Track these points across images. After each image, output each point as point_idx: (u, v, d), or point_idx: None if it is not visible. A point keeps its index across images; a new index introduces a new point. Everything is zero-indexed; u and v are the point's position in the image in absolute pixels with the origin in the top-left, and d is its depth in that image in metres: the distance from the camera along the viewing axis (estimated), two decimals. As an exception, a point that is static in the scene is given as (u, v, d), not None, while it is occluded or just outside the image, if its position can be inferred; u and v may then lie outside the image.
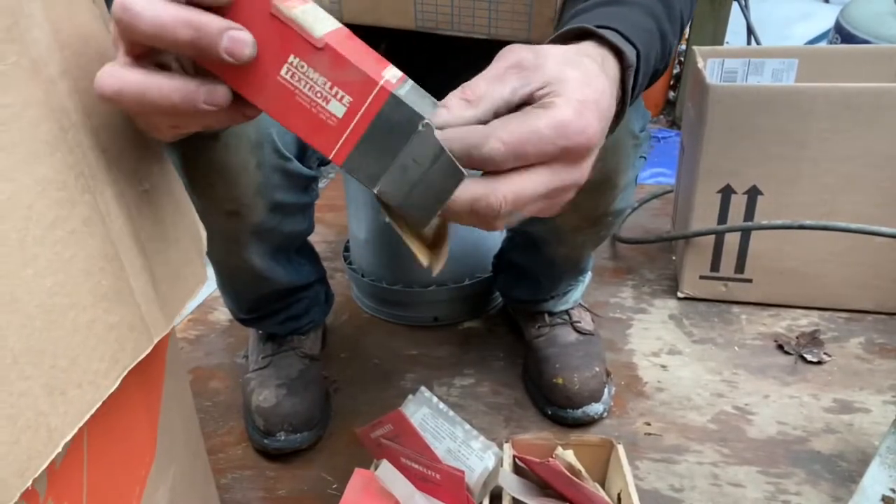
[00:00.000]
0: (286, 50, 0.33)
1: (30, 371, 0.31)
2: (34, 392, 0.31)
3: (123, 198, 0.38)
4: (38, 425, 0.31)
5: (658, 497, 0.77)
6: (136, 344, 0.39)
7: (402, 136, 0.34)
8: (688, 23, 0.53)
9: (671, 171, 1.56)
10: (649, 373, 0.96)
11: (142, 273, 0.39)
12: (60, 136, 0.33)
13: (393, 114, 0.34)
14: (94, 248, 0.35)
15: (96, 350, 0.35)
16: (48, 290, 0.32)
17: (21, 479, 0.30)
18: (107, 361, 0.36)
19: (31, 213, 0.31)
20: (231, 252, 0.74)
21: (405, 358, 1.01)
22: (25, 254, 0.31)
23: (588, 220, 0.75)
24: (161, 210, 0.42)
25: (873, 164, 0.94)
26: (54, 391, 0.32)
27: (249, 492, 0.80)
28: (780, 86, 1.01)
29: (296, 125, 0.34)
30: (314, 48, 0.33)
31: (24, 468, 0.30)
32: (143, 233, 0.40)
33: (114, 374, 0.37)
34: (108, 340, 0.36)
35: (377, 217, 1.00)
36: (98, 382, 0.35)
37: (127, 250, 0.38)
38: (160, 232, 0.42)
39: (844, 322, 1.03)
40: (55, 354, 0.33)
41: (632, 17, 0.44)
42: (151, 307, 0.40)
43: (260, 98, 0.34)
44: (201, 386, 0.97)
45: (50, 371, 0.32)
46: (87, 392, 0.35)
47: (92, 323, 0.35)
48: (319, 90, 0.33)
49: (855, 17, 1.62)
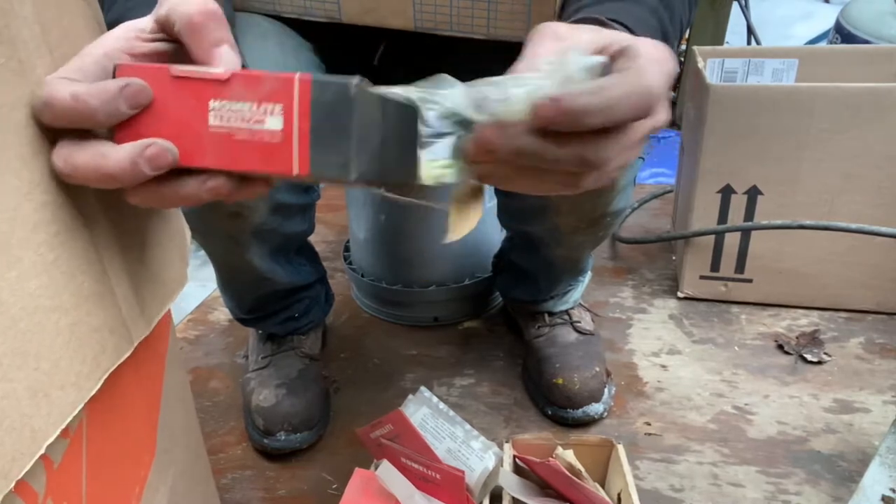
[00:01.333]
0: (203, 99, 0.33)
1: (13, 373, 0.31)
2: (18, 394, 0.31)
3: (106, 201, 0.38)
4: (22, 427, 0.31)
5: (658, 497, 0.77)
6: (117, 346, 0.39)
7: (343, 110, 0.32)
8: (686, 29, 0.53)
9: (671, 171, 1.56)
10: (649, 373, 0.96)
11: (123, 276, 0.40)
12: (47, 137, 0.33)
13: (324, 95, 0.33)
14: (77, 251, 0.35)
15: (79, 352, 0.35)
16: (32, 293, 0.32)
17: (5, 481, 0.30)
18: (89, 364, 0.36)
19: (16, 214, 0.31)
20: (232, 252, 0.74)
21: (405, 358, 1.01)
22: (10, 256, 0.31)
23: (586, 220, 0.75)
24: (143, 213, 0.42)
25: (873, 164, 0.94)
26: (38, 393, 0.32)
27: (249, 492, 0.80)
28: (780, 86, 1.01)
29: (249, 162, 0.33)
30: (223, 82, 0.33)
31: (9, 469, 0.30)
32: (125, 236, 0.40)
33: (96, 376, 0.37)
34: (90, 343, 0.36)
35: (377, 217, 1.00)
36: (80, 384, 0.35)
37: (109, 253, 0.38)
38: (142, 235, 0.42)
39: (844, 322, 1.03)
40: (39, 357, 0.33)
41: (636, 12, 0.44)
42: (132, 310, 0.40)
43: (206, 158, 0.33)
44: (201, 386, 0.97)
45: (34, 373, 0.32)
46: (70, 394, 0.35)
47: (75, 325, 0.35)
48: (250, 115, 0.33)
49: (855, 17, 1.62)
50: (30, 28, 0.32)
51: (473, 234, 1.08)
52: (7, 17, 0.31)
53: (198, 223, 0.68)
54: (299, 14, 0.65)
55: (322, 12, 0.64)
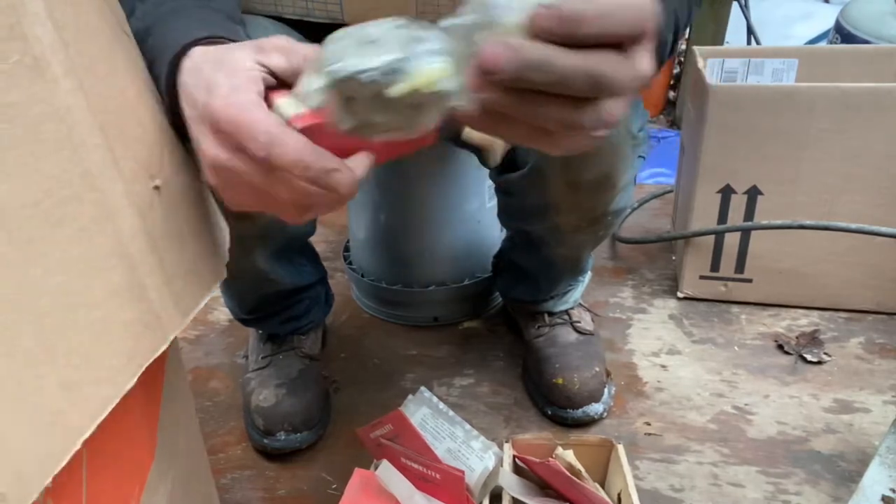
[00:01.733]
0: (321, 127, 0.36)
1: (43, 369, 0.31)
2: (49, 390, 0.31)
3: (133, 195, 0.38)
4: (55, 423, 0.31)
5: (658, 497, 0.77)
6: (152, 340, 0.39)
7: None
8: (686, 27, 0.53)
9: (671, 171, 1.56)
10: (649, 373, 0.96)
11: (155, 270, 0.39)
12: (65, 133, 0.33)
13: None
14: (103, 246, 0.35)
15: (111, 347, 0.35)
16: (58, 288, 0.32)
17: (42, 477, 0.30)
18: (123, 358, 0.36)
19: (37, 211, 0.31)
20: (237, 254, 0.75)
21: (405, 358, 1.01)
22: (33, 252, 0.31)
23: (586, 219, 0.75)
24: (175, 206, 0.42)
25: (873, 164, 0.94)
26: (70, 388, 0.32)
27: (249, 492, 0.80)
28: (780, 86, 1.01)
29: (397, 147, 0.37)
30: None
31: (44, 466, 0.30)
32: (155, 229, 0.40)
33: (130, 370, 0.37)
34: (122, 337, 0.36)
35: (377, 217, 1.00)
36: (115, 379, 0.35)
37: (138, 247, 0.38)
38: (174, 228, 0.42)
39: (844, 322, 1.03)
40: (68, 352, 0.33)
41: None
42: (166, 304, 0.40)
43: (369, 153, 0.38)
44: (201, 386, 0.97)
45: (64, 369, 0.32)
46: (104, 389, 0.35)
47: (104, 320, 0.35)
48: None
49: (855, 17, 1.62)
50: (42, 25, 0.32)
51: (473, 234, 1.08)
52: (17, 13, 0.31)
53: None
54: (301, 15, 0.65)
55: (324, 14, 0.64)
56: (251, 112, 0.35)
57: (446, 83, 0.33)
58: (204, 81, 0.38)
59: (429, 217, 0.98)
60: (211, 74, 0.38)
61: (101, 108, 0.36)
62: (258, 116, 0.35)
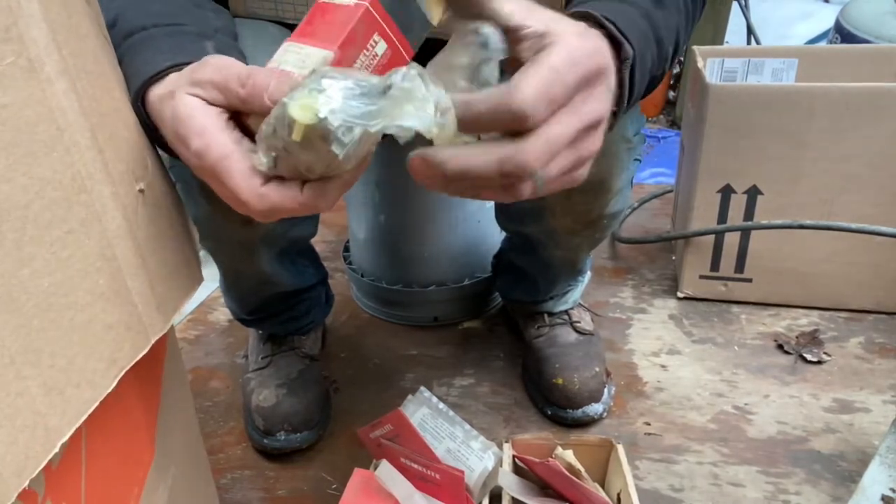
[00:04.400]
0: None
1: (27, 371, 0.31)
2: (32, 392, 0.31)
3: (120, 198, 0.38)
4: (36, 425, 0.31)
5: (658, 497, 0.77)
6: (134, 344, 0.39)
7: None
8: (685, 41, 0.52)
9: (671, 171, 1.56)
10: (649, 373, 0.96)
11: (138, 273, 0.39)
12: (57, 135, 0.33)
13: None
14: (91, 248, 0.35)
15: (94, 350, 0.35)
16: (45, 290, 0.32)
17: (19, 479, 0.30)
18: (105, 361, 0.36)
19: (27, 212, 0.31)
20: (240, 258, 0.75)
21: (405, 358, 1.01)
22: (22, 254, 0.31)
23: (583, 222, 0.75)
24: (157, 210, 0.42)
25: (873, 164, 0.94)
26: (52, 391, 0.32)
27: (249, 492, 0.80)
28: (780, 86, 1.01)
29: None
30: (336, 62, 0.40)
31: (22, 468, 0.30)
32: (139, 232, 0.40)
33: (111, 373, 0.37)
34: (105, 340, 0.36)
35: (377, 217, 1.00)
36: (96, 382, 0.35)
37: (124, 250, 0.38)
38: (156, 232, 0.42)
39: (844, 322, 1.03)
40: (53, 354, 0.33)
41: (628, 14, 0.44)
42: (148, 307, 0.40)
43: None
44: (201, 386, 0.97)
45: (48, 371, 0.32)
46: (85, 392, 0.35)
47: (89, 323, 0.35)
48: (369, 60, 0.42)
49: (855, 17, 1.62)
50: (38, 26, 0.32)
51: (473, 234, 1.07)
52: (14, 14, 0.31)
53: (211, 231, 0.68)
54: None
55: None
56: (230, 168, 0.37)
57: (332, 117, 0.32)
58: (171, 134, 0.39)
59: (429, 217, 0.98)
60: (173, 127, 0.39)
61: (92, 109, 0.36)
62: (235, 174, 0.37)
